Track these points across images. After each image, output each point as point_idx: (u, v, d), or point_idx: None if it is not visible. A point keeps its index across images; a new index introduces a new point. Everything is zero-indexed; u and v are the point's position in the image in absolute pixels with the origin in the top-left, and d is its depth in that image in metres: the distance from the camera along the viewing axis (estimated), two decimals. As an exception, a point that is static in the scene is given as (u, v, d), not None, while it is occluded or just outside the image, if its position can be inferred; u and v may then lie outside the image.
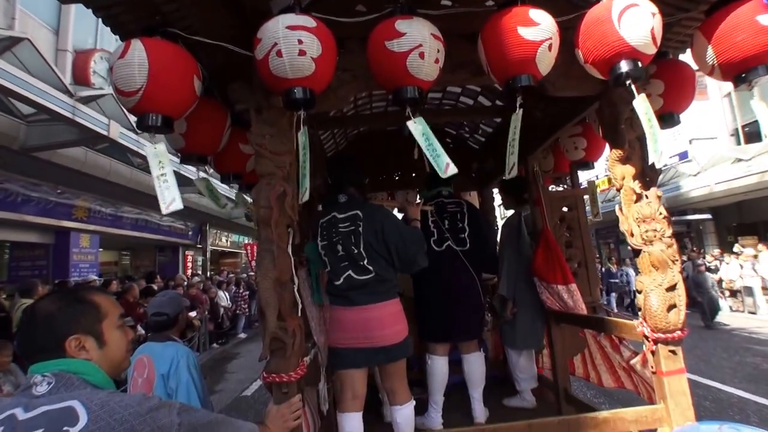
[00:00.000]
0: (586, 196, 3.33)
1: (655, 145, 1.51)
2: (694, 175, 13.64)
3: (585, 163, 3.11)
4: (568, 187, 3.39)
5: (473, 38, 1.68)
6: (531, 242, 3.17)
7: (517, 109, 1.59)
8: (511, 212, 3.52)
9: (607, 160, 2.09)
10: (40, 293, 5.35)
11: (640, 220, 1.86)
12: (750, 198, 12.66)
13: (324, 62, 1.50)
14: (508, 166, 1.66)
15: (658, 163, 1.60)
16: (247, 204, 2.33)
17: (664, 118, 1.98)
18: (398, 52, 1.49)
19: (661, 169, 2.13)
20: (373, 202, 2.73)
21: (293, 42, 1.43)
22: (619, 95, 1.93)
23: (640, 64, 1.51)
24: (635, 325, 1.95)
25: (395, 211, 3.45)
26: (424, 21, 1.54)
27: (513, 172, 1.66)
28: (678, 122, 2.05)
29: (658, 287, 1.80)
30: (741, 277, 10.92)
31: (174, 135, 1.93)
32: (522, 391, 3.21)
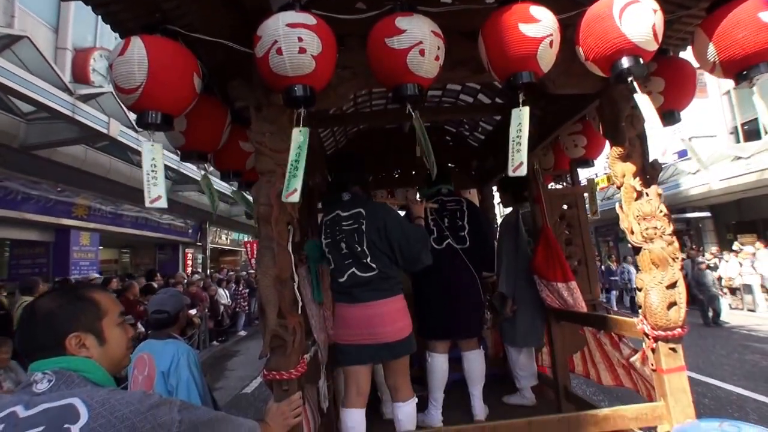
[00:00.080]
0: (586, 194, 3.33)
1: (660, 139, 1.50)
2: (693, 173, 13.64)
3: (585, 161, 3.10)
4: (568, 185, 3.39)
5: (473, 36, 1.67)
6: (529, 240, 3.17)
7: (521, 106, 1.58)
8: (510, 210, 3.52)
9: (607, 158, 2.09)
10: (41, 291, 5.35)
11: (640, 217, 1.86)
12: (749, 196, 12.67)
13: (324, 60, 1.49)
14: (513, 164, 1.60)
15: (662, 159, 1.59)
16: (247, 202, 2.33)
17: (665, 115, 1.98)
18: (398, 50, 1.48)
19: (661, 166, 2.12)
20: (377, 200, 2.73)
21: (293, 40, 1.43)
22: (619, 93, 1.92)
23: (641, 60, 1.50)
24: (635, 323, 1.96)
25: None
26: (425, 18, 1.53)
27: (521, 171, 1.60)
28: (679, 120, 2.05)
29: (659, 285, 1.79)
30: (740, 275, 10.94)
31: (174, 132, 1.93)
32: (522, 388, 3.22)
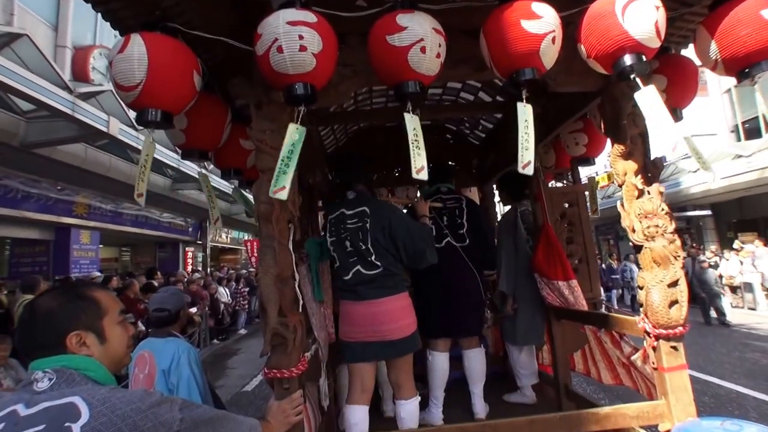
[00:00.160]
0: (587, 192, 3.33)
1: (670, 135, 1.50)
2: (694, 172, 13.62)
3: (586, 159, 3.10)
4: (569, 183, 3.38)
5: (475, 33, 1.67)
6: (528, 237, 3.17)
7: (525, 102, 1.57)
8: (508, 208, 3.52)
9: (608, 156, 2.08)
10: (41, 289, 5.35)
11: (641, 216, 1.86)
12: (750, 194, 12.67)
13: (325, 58, 1.49)
14: (522, 161, 1.57)
15: (671, 156, 1.59)
16: (246, 200, 2.33)
17: (667, 113, 1.97)
18: (399, 47, 1.48)
19: (663, 164, 2.12)
20: (381, 199, 2.73)
21: (294, 37, 1.42)
22: (621, 91, 1.91)
23: (644, 58, 1.50)
24: (636, 321, 1.95)
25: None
26: (426, 15, 1.53)
27: (529, 170, 1.57)
28: (681, 118, 2.05)
29: (660, 283, 1.79)
30: (741, 273, 10.94)
31: (174, 131, 1.93)
32: (522, 387, 3.22)
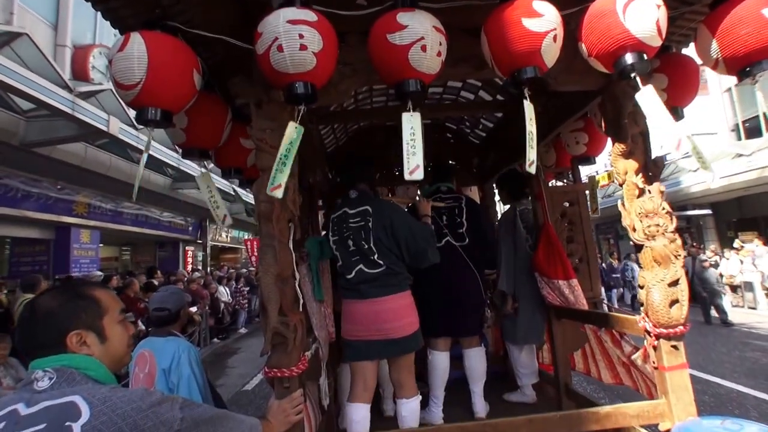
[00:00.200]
0: (587, 191, 3.32)
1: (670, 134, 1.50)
2: (694, 171, 13.61)
3: (586, 158, 3.09)
4: (570, 182, 3.38)
5: (475, 32, 1.66)
6: (527, 236, 3.17)
7: (528, 101, 1.57)
8: (507, 207, 3.51)
9: (609, 155, 2.08)
10: (42, 288, 5.35)
11: (642, 215, 1.85)
12: (750, 193, 12.66)
13: (325, 56, 1.48)
14: (528, 160, 1.59)
15: (675, 154, 1.59)
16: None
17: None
18: (400, 45, 1.47)
19: (664, 163, 2.12)
20: (383, 198, 2.73)
21: (294, 36, 1.42)
22: (622, 89, 1.91)
23: (645, 57, 1.49)
24: (637, 321, 1.95)
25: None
26: (426, 14, 1.52)
27: (533, 168, 1.59)
28: (682, 116, 2.04)
29: (661, 282, 1.79)
30: (741, 272, 10.93)
31: (175, 130, 1.93)
32: (523, 386, 3.22)
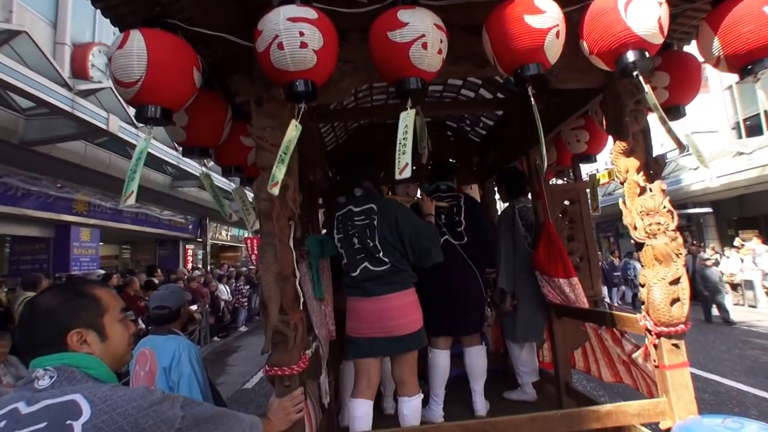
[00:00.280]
0: (588, 190, 3.32)
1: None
2: (695, 169, 13.60)
3: (587, 156, 3.09)
4: (570, 181, 3.37)
5: (476, 29, 1.66)
6: (526, 234, 3.17)
7: (532, 99, 1.57)
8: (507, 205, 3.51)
9: (610, 153, 2.08)
10: (43, 287, 5.35)
11: (643, 213, 1.85)
12: (751, 192, 12.65)
13: (326, 54, 1.48)
14: (544, 159, 1.64)
15: (681, 149, 1.59)
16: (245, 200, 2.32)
17: (670, 110, 1.97)
18: (401, 43, 1.47)
19: (665, 162, 2.11)
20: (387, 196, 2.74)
21: (295, 34, 1.41)
22: (623, 87, 1.90)
23: (647, 54, 1.49)
24: (638, 319, 1.95)
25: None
26: (427, 11, 1.52)
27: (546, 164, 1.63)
28: (684, 114, 2.04)
29: (662, 281, 1.79)
30: (741, 270, 10.93)
31: (175, 128, 1.92)
32: (523, 384, 3.22)
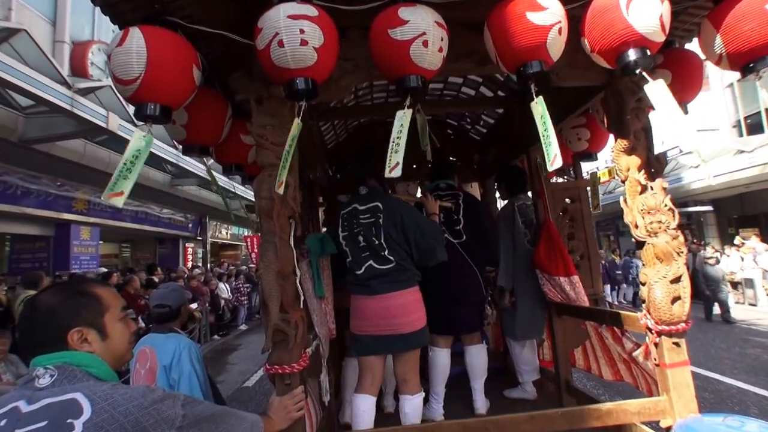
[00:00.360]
0: (589, 188, 3.32)
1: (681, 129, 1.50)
2: (695, 167, 13.59)
3: (588, 155, 3.09)
4: (571, 179, 3.37)
5: (477, 27, 1.65)
6: (525, 231, 3.16)
7: (535, 97, 1.56)
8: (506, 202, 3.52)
9: (611, 152, 2.07)
10: (44, 285, 5.34)
11: (644, 211, 1.85)
12: (751, 190, 12.64)
13: (326, 52, 1.47)
14: (549, 158, 1.55)
15: (689, 145, 1.58)
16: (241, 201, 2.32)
17: (671, 108, 1.96)
18: (401, 41, 1.46)
19: (667, 160, 2.10)
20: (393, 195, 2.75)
21: (295, 31, 1.41)
22: (625, 85, 1.90)
23: (648, 52, 1.48)
24: (638, 317, 1.95)
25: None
26: (428, 9, 1.51)
27: (558, 163, 1.55)
28: (686, 112, 2.03)
29: (663, 279, 1.79)
30: (741, 269, 10.92)
31: (175, 126, 1.92)
32: (523, 382, 3.23)
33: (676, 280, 1.78)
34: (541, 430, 1.89)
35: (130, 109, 6.54)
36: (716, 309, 9.49)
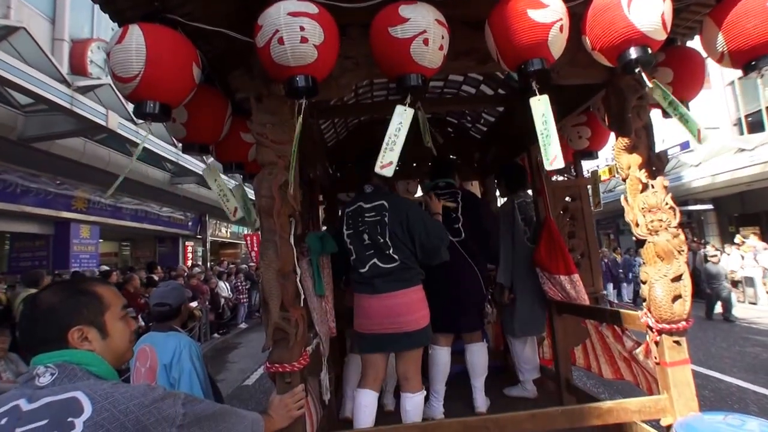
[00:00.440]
0: (589, 186, 3.31)
1: (690, 125, 1.51)
2: (696, 165, 13.59)
3: (589, 153, 3.08)
4: (572, 177, 3.37)
5: (478, 25, 1.65)
6: (525, 229, 3.16)
7: (537, 94, 1.55)
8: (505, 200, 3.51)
9: (613, 150, 2.07)
10: (45, 284, 5.34)
11: (645, 210, 1.84)
12: (752, 188, 12.64)
13: (326, 49, 1.47)
14: (548, 158, 1.53)
15: (701, 142, 1.57)
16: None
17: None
18: (402, 39, 1.46)
19: (668, 158, 2.10)
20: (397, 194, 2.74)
21: (295, 29, 1.40)
22: (626, 83, 1.89)
23: (650, 50, 1.48)
24: (639, 316, 1.95)
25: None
26: (429, 6, 1.51)
27: (558, 163, 1.53)
28: (688, 110, 2.03)
29: (663, 278, 1.78)
30: (742, 267, 10.92)
31: (175, 124, 1.91)
32: (524, 381, 3.23)
33: (677, 279, 1.78)
34: (541, 428, 1.88)
35: (130, 107, 6.52)
36: (718, 307, 9.49)
